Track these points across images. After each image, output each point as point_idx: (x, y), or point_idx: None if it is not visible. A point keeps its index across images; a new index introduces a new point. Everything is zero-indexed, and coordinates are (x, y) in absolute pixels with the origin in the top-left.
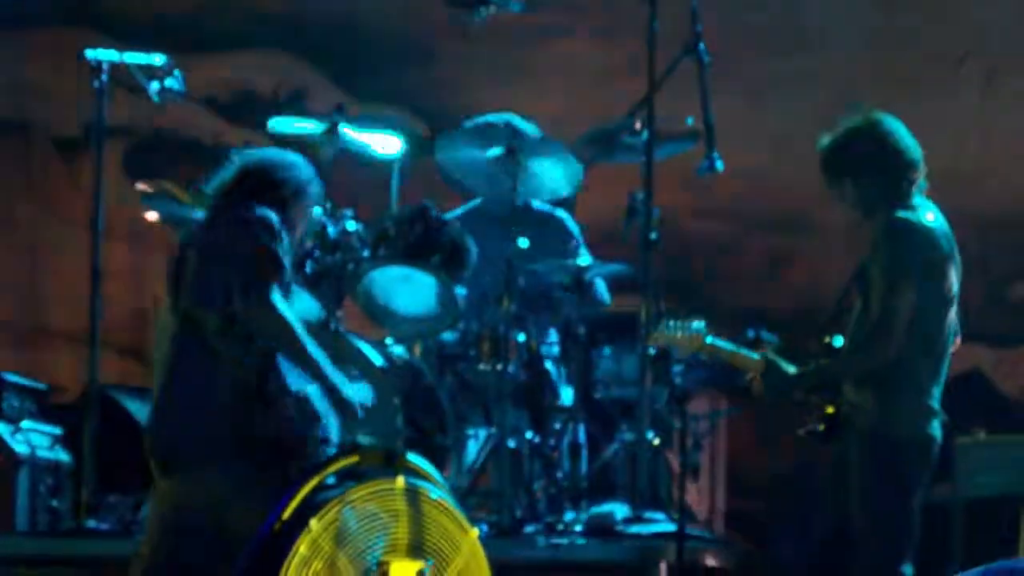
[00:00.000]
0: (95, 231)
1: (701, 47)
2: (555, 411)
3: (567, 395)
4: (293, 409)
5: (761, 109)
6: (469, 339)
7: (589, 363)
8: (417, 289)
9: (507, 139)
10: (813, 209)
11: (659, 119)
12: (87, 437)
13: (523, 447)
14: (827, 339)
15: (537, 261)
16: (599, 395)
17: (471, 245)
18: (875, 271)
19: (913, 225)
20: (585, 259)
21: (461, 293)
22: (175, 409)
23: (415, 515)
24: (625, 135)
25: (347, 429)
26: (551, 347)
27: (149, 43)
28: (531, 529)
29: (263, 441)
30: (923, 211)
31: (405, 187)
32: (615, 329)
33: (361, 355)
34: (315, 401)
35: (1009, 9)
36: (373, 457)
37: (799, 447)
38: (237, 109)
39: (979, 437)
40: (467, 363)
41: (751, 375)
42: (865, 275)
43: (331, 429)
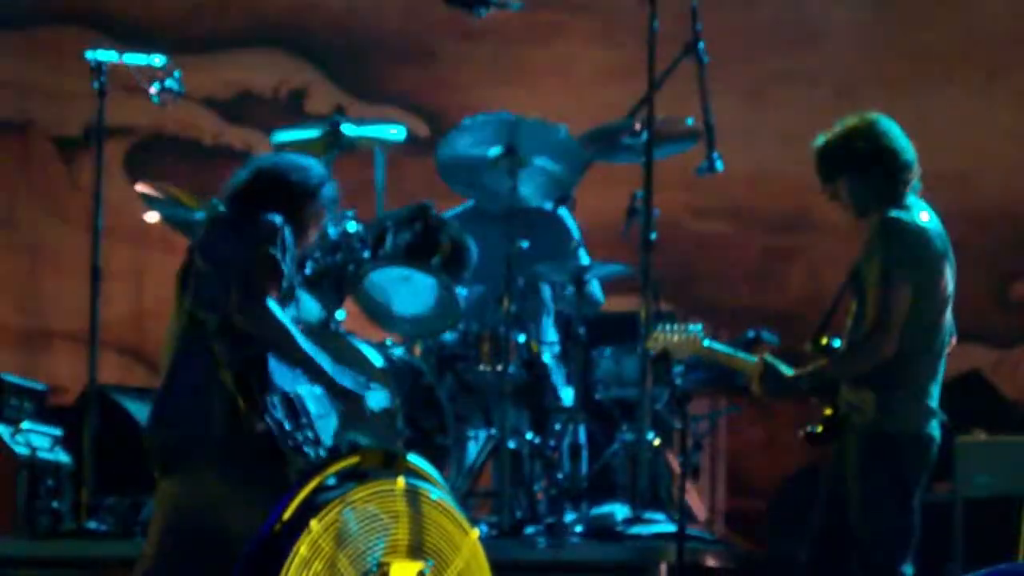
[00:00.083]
0: (95, 231)
1: (701, 47)
2: (555, 412)
3: (567, 396)
4: (280, 408)
5: (761, 109)
6: (469, 340)
7: (589, 364)
8: (417, 290)
9: (507, 137)
10: (813, 209)
11: (659, 119)
12: (87, 438)
13: (523, 448)
14: (824, 340)
15: (537, 261)
16: (599, 396)
17: (471, 245)
18: (869, 271)
19: (907, 224)
20: (584, 260)
21: (461, 293)
22: (175, 410)
23: (415, 516)
24: (625, 135)
25: (353, 423)
26: (551, 348)
27: (149, 44)
28: (531, 530)
29: (257, 441)
30: (917, 211)
31: (392, 180)
32: (615, 330)
33: (362, 356)
34: (307, 401)
35: (1007, 8)
36: (373, 458)
37: (800, 447)
38: (237, 109)
39: (979, 437)
40: (467, 364)
41: (749, 378)
42: (860, 275)
43: (323, 431)
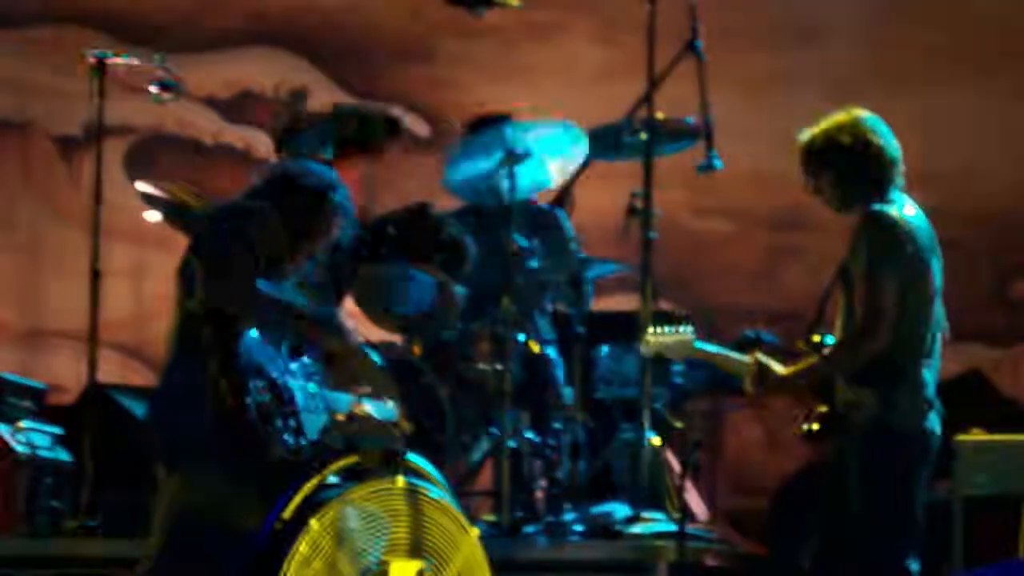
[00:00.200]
0: (95, 230)
1: (700, 45)
2: (555, 411)
3: (567, 395)
4: (265, 394)
5: (761, 107)
6: (469, 338)
7: (589, 362)
8: (416, 289)
9: (504, 144)
10: (813, 207)
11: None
12: (87, 437)
13: (523, 447)
14: (816, 338)
15: (536, 259)
16: (599, 395)
17: (470, 244)
18: (857, 266)
19: (891, 218)
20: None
21: (461, 292)
22: (172, 407)
23: (415, 515)
24: (625, 134)
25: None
26: (551, 347)
27: (149, 43)
28: (531, 529)
29: (248, 434)
30: (900, 205)
31: (391, 179)
32: (615, 328)
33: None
34: (296, 394)
35: (1006, 6)
36: (373, 457)
37: (800, 446)
38: (237, 108)
39: (978, 436)
40: (467, 362)
41: (743, 378)
42: (847, 272)
43: (308, 424)
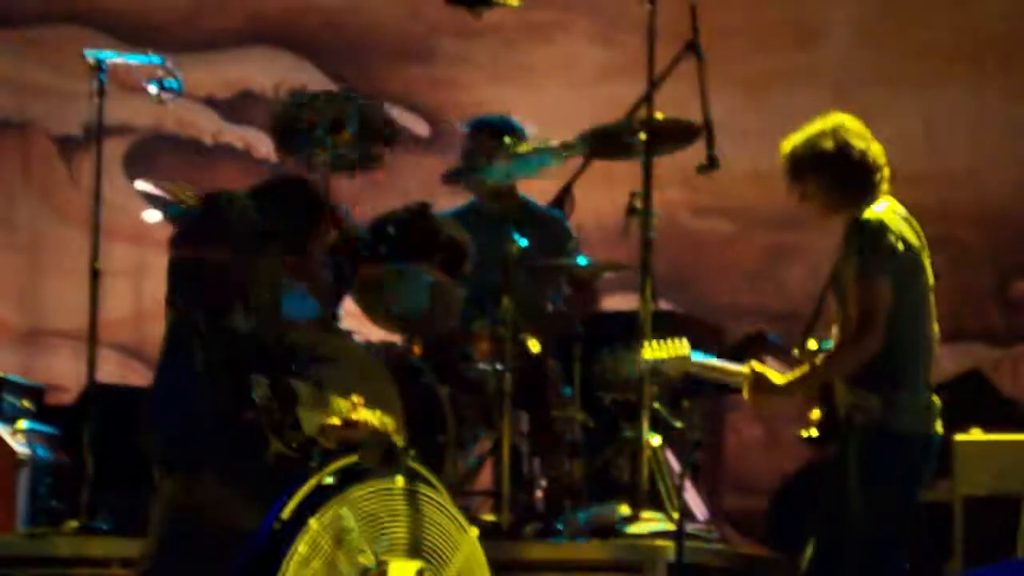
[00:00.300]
0: (95, 230)
1: (700, 45)
2: (555, 410)
3: (567, 394)
4: (266, 389)
5: (761, 107)
6: (469, 338)
7: (588, 362)
8: (416, 288)
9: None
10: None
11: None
12: (87, 437)
13: (522, 447)
14: (812, 345)
15: (536, 260)
16: (599, 394)
17: (470, 244)
18: (848, 271)
19: (879, 222)
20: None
21: (460, 292)
22: (168, 405)
23: (414, 515)
24: (625, 134)
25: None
26: (550, 346)
27: (149, 43)
28: (530, 529)
29: (246, 432)
30: (887, 207)
31: (391, 179)
32: (615, 328)
33: (361, 354)
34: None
35: (1007, 5)
36: (373, 456)
37: (799, 446)
38: (237, 108)
39: (978, 436)
40: (466, 362)
41: (740, 388)
42: (839, 278)
43: (306, 421)
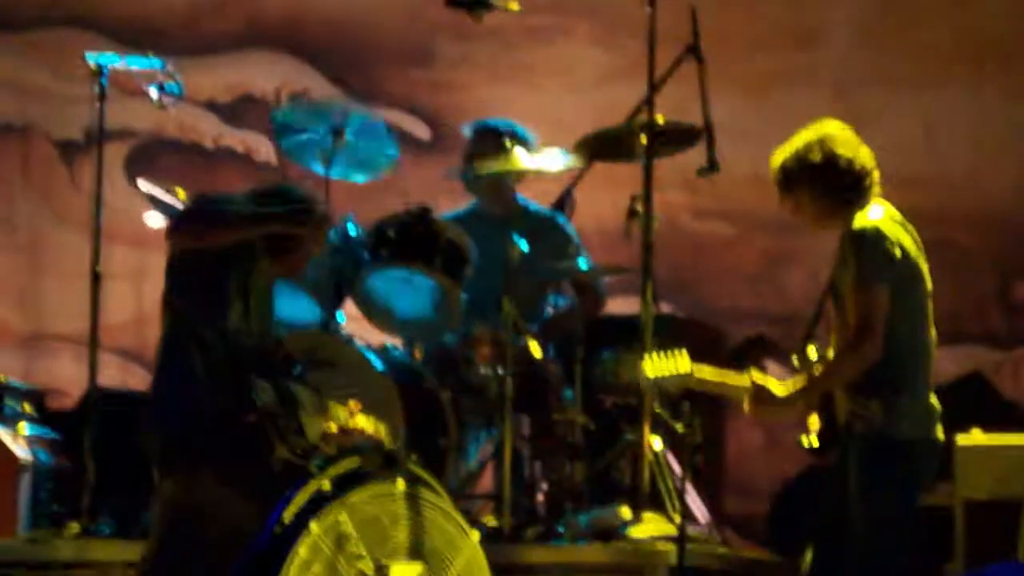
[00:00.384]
0: (96, 234)
1: (700, 48)
2: (556, 413)
3: (568, 397)
4: (271, 394)
5: (762, 110)
6: (470, 342)
7: (590, 365)
8: (417, 292)
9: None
10: None
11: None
12: (88, 441)
13: (524, 450)
14: (811, 354)
15: (536, 264)
16: (600, 397)
17: (471, 247)
18: (846, 280)
19: (876, 229)
20: (584, 263)
21: (462, 296)
22: (165, 410)
23: (415, 518)
24: (626, 137)
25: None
26: (552, 350)
27: (150, 46)
28: (532, 532)
29: (246, 433)
30: (881, 213)
31: (391, 182)
32: (616, 332)
33: (362, 358)
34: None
35: (1008, 7)
36: (374, 460)
37: (800, 450)
38: (238, 112)
39: (979, 439)
40: (468, 366)
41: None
42: (837, 286)
43: (309, 427)
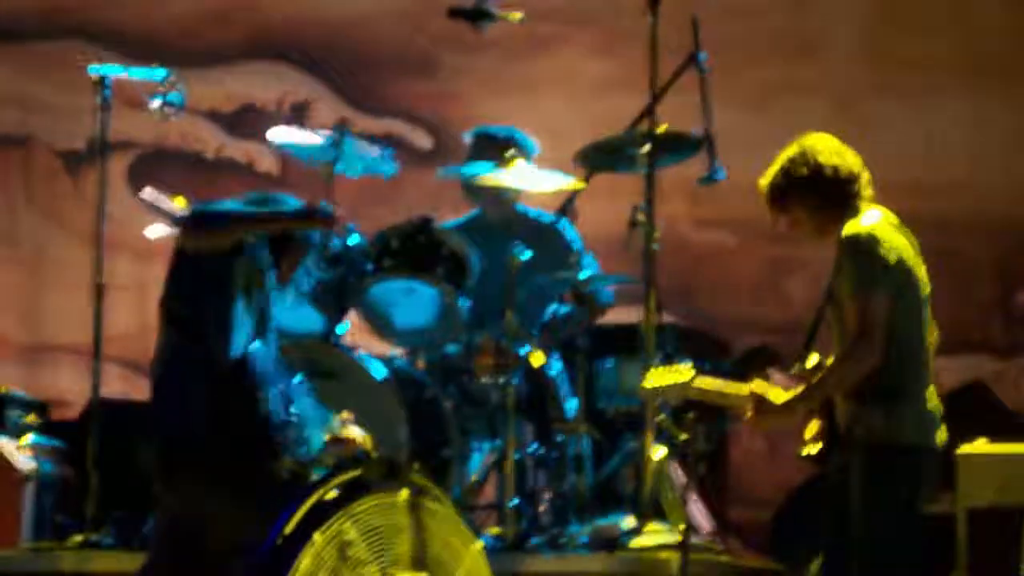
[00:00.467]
0: (98, 244)
1: (702, 57)
2: (559, 423)
3: (571, 407)
4: (276, 402)
5: (763, 119)
6: (472, 351)
7: (592, 374)
8: (420, 302)
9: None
10: None
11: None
12: (91, 451)
13: (527, 459)
14: (810, 362)
15: (537, 272)
16: (602, 406)
17: (473, 256)
18: (843, 287)
19: (872, 234)
20: (588, 270)
21: (464, 305)
22: (168, 418)
23: (418, 528)
24: (627, 147)
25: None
26: (554, 359)
27: (152, 57)
28: (535, 541)
29: (247, 443)
30: (876, 217)
31: (394, 192)
32: (618, 340)
33: (364, 368)
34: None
35: (1008, 17)
36: (376, 470)
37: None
38: (240, 122)
39: (981, 448)
40: (470, 375)
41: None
42: (834, 294)
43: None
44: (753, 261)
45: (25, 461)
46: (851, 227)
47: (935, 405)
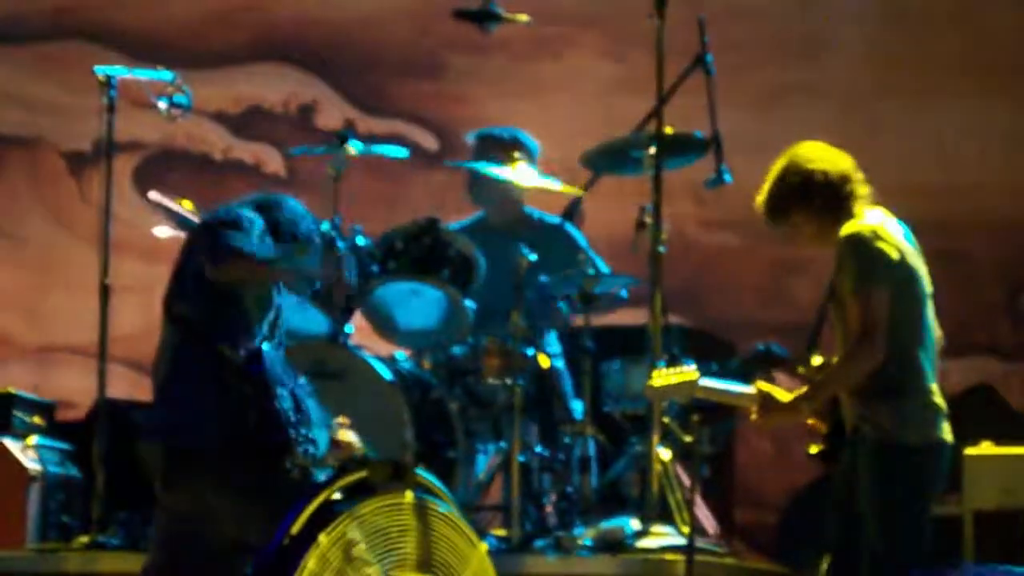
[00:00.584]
0: (104, 245)
1: (709, 59)
2: (565, 425)
3: (577, 408)
4: (288, 401)
5: (770, 121)
6: (478, 352)
7: (598, 376)
8: (426, 303)
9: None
10: None
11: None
12: (97, 452)
13: (532, 461)
14: (815, 361)
15: (544, 273)
16: (608, 408)
17: (479, 258)
18: (844, 284)
19: (873, 232)
20: (599, 269)
21: (470, 306)
22: (172, 421)
23: (424, 529)
24: (634, 149)
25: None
26: (560, 360)
27: (158, 58)
28: (541, 543)
29: (256, 444)
30: (873, 217)
31: (399, 193)
32: (624, 342)
33: (370, 369)
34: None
35: (1015, 19)
36: (382, 471)
37: (809, 460)
38: (246, 124)
39: (987, 449)
40: (476, 377)
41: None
42: (836, 292)
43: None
44: (759, 263)
45: (31, 462)
46: (851, 226)
47: (940, 402)
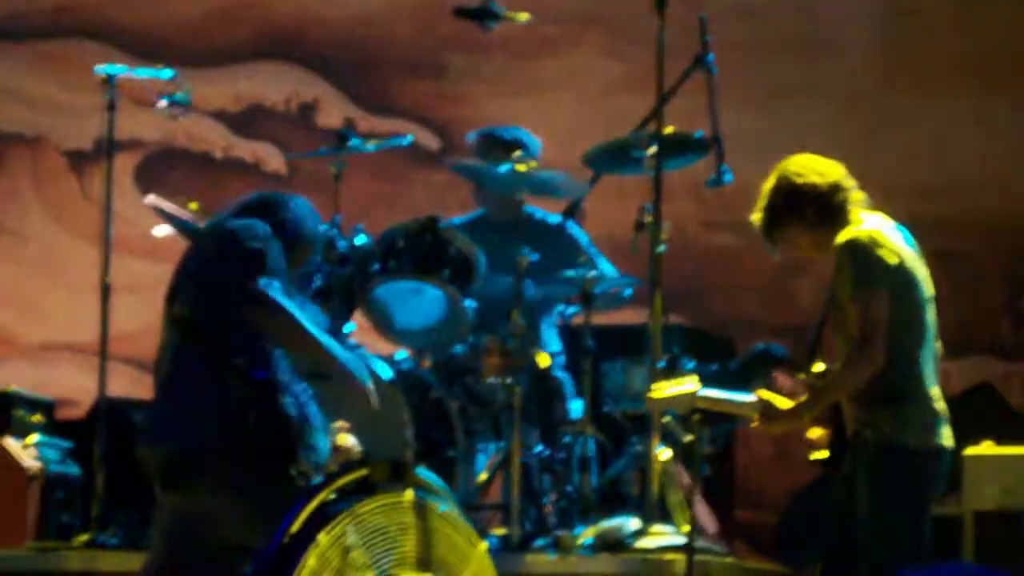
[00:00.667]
0: (105, 244)
1: (710, 59)
2: (564, 424)
3: (576, 408)
4: (293, 408)
5: (771, 121)
6: (478, 352)
7: (598, 376)
8: (426, 302)
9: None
10: None
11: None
12: (97, 451)
13: (532, 461)
14: (815, 367)
15: (545, 272)
16: (608, 408)
17: (480, 257)
18: (843, 289)
19: (871, 236)
20: (601, 268)
21: (470, 306)
22: (174, 423)
23: (423, 529)
24: (635, 148)
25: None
26: (557, 359)
27: (159, 57)
28: (540, 543)
29: (260, 445)
30: (870, 222)
31: (400, 192)
32: (624, 342)
33: (370, 368)
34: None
35: (1018, 19)
36: (382, 470)
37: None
38: (247, 122)
39: (988, 450)
40: (476, 376)
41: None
42: (836, 298)
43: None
44: (759, 263)
45: (31, 460)
46: (848, 232)
47: (941, 407)
